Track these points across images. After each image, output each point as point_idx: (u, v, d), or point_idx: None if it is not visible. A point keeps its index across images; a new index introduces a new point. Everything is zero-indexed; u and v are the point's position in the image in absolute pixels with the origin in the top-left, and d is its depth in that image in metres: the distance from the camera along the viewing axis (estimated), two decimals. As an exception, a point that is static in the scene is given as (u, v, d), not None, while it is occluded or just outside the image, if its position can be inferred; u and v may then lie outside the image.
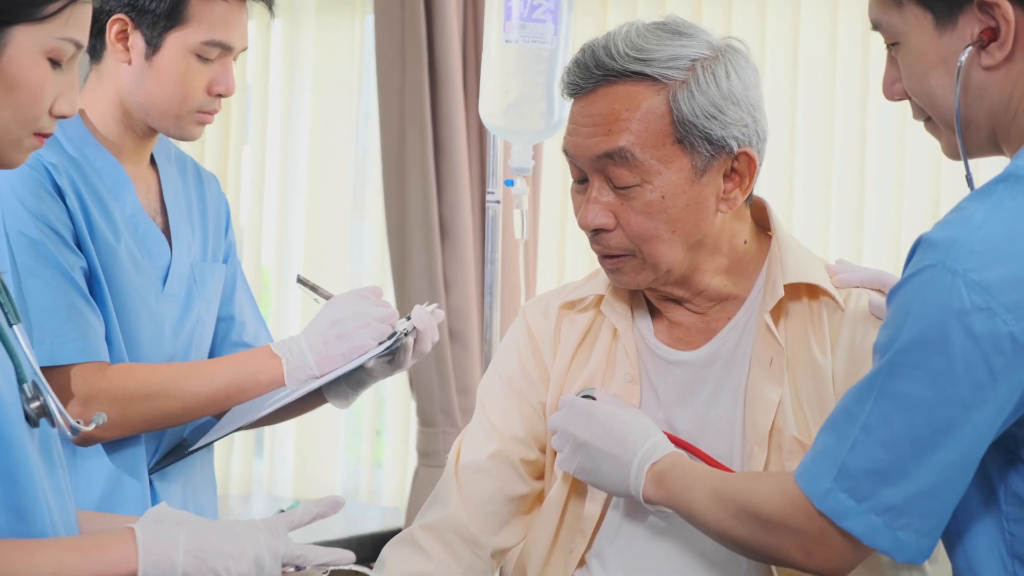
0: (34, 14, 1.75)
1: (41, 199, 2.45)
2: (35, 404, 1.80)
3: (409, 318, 2.58)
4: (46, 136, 1.82)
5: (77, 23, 1.79)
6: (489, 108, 2.95)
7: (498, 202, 3.10)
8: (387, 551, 2.30)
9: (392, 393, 5.31)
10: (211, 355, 2.78)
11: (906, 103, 1.92)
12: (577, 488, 2.27)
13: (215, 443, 2.70)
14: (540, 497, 2.34)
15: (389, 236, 4.90)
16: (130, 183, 2.61)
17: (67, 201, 2.49)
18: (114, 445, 2.56)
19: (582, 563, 2.26)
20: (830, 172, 4.66)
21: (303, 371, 2.54)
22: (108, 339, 2.52)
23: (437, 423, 4.84)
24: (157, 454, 2.64)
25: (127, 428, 2.50)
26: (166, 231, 2.66)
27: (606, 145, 2.12)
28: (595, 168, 2.15)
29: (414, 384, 4.89)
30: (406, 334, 2.55)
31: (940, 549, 2.06)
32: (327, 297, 2.62)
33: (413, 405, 4.99)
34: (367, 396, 5.34)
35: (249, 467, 5.57)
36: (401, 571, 2.26)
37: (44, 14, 1.75)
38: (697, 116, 2.11)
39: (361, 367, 2.60)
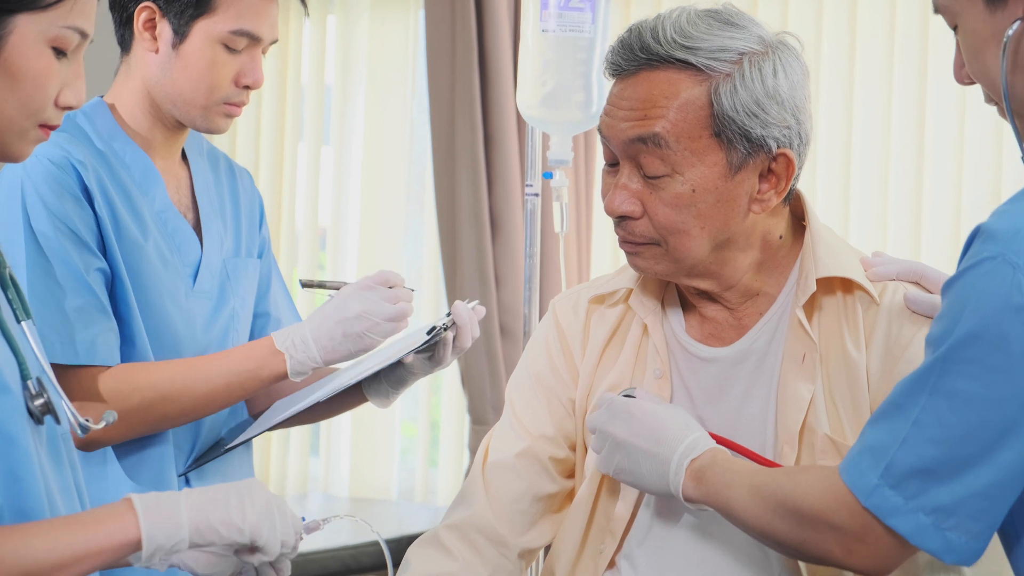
0: (37, 2, 1.71)
1: (63, 198, 2.43)
2: (39, 401, 1.77)
3: (449, 314, 2.53)
4: (52, 128, 1.78)
5: (83, 11, 1.75)
6: (526, 99, 2.90)
7: (537, 195, 3.05)
8: (412, 551, 2.26)
9: (448, 392, 5.28)
10: None
11: (968, 90, 1.86)
12: (607, 488, 2.22)
13: (253, 440, 2.67)
14: (571, 496, 2.28)
15: (440, 231, 4.88)
16: (160, 178, 2.58)
17: (94, 201, 2.46)
18: (142, 453, 2.53)
19: (612, 564, 2.20)
20: (888, 166, 4.60)
21: (307, 366, 2.49)
22: (132, 339, 2.49)
23: (488, 420, 4.81)
24: (193, 454, 2.61)
25: (127, 431, 2.44)
26: (197, 227, 2.63)
27: (640, 130, 2.06)
28: (627, 153, 2.09)
29: (466, 382, 4.86)
30: (445, 329, 2.50)
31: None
32: (337, 288, 2.55)
33: (466, 403, 4.95)
34: (423, 395, 5.33)
35: (305, 466, 5.57)
36: (425, 571, 2.21)
37: (47, 2, 1.72)
38: (738, 112, 2.04)
39: (400, 363, 2.55)
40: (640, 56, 2.07)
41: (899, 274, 2.13)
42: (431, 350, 2.53)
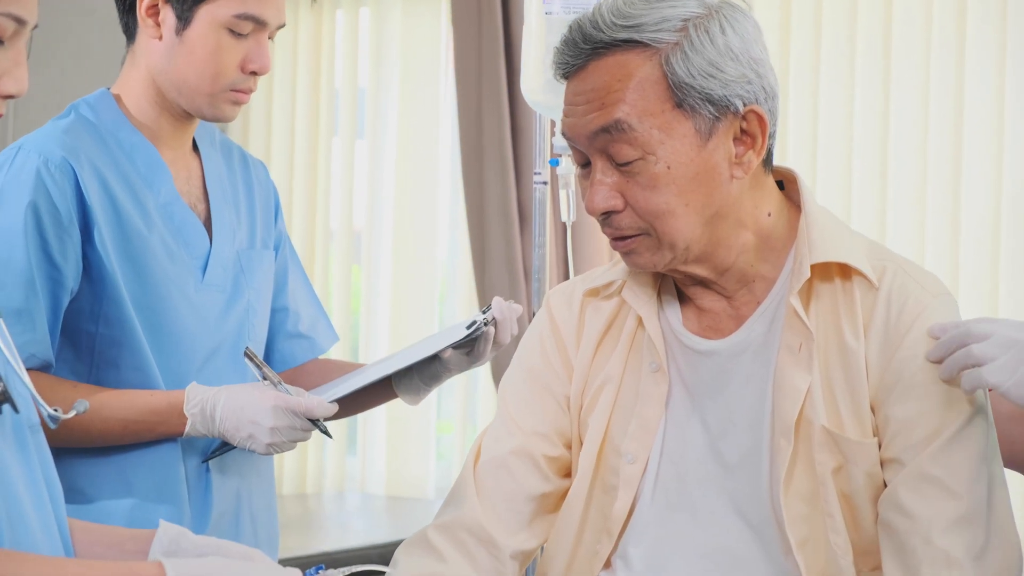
0: None
1: (42, 195, 2.40)
2: None
3: (487, 309, 2.50)
4: None
5: None
6: (530, 84, 2.82)
7: (545, 183, 2.97)
8: (400, 552, 2.18)
9: (483, 390, 5.24)
10: (267, 346, 2.71)
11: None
12: (602, 485, 2.14)
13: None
14: (566, 495, 2.20)
15: (469, 224, 4.84)
16: (166, 169, 2.54)
17: (87, 197, 2.43)
18: (145, 449, 2.50)
19: (607, 565, 2.13)
20: (925, 166, 4.55)
21: (204, 436, 2.46)
22: (122, 341, 2.46)
23: (519, 417, 4.75)
24: (213, 444, 2.56)
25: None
26: (209, 218, 2.59)
27: (602, 120, 1.98)
28: (595, 148, 2.01)
29: (496, 378, 4.81)
30: (486, 324, 2.46)
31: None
32: (273, 381, 2.46)
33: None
34: (458, 393, 5.28)
35: (342, 465, 5.55)
36: (414, 574, 2.14)
37: None
38: (694, 77, 1.96)
39: (436, 358, 2.51)
40: (585, 48, 2.00)
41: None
42: (470, 345, 2.49)
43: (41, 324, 2.39)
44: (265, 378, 2.45)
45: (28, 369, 2.35)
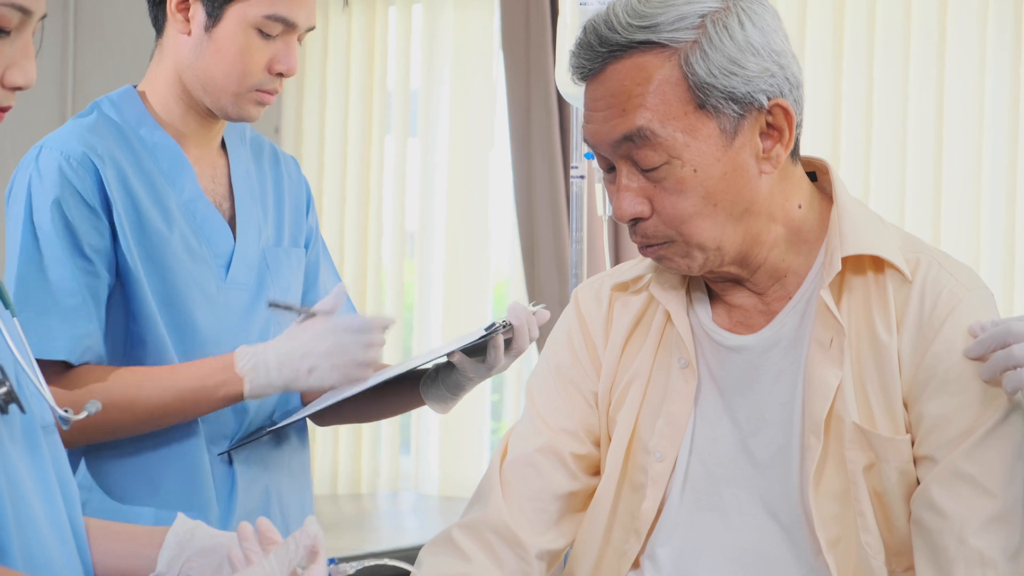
0: None
1: (67, 190, 2.39)
2: (1, 390, 1.67)
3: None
4: (4, 110, 1.69)
5: None
6: (565, 76, 2.76)
7: (582, 177, 2.92)
8: (424, 552, 2.15)
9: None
10: None
11: None
12: (630, 484, 2.09)
13: (309, 438, 2.62)
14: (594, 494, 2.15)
15: (519, 221, 4.81)
16: (189, 167, 2.52)
17: (110, 196, 2.41)
18: (170, 447, 2.48)
19: (635, 565, 2.08)
20: (980, 164, 4.48)
21: (267, 391, 2.41)
22: (144, 337, 2.43)
23: (568, 417, 4.72)
24: (239, 434, 2.54)
25: (82, 436, 2.34)
26: (234, 216, 2.56)
27: (624, 127, 1.92)
28: (618, 154, 1.95)
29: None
30: (504, 326, 2.42)
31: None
32: (309, 313, 2.42)
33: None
34: (512, 394, 5.26)
35: (396, 465, 5.54)
36: (439, 574, 2.09)
37: None
38: (715, 76, 1.90)
39: (455, 367, 2.48)
40: (601, 50, 1.94)
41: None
42: (483, 353, 2.45)
43: (87, 319, 2.38)
44: (299, 315, 2.43)
45: (83, 363, 2.37)
